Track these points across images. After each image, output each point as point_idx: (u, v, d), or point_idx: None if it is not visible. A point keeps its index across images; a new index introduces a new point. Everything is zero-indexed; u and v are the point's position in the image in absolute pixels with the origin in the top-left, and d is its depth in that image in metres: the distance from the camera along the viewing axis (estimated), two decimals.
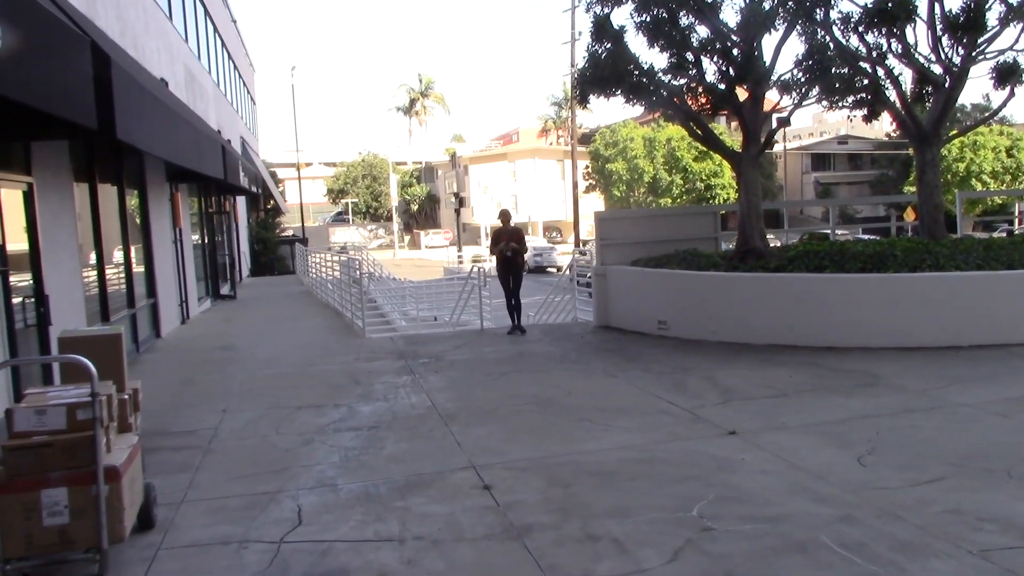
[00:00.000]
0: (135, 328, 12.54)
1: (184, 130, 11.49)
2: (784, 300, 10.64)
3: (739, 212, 12.47)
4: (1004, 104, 13.48)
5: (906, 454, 6.08)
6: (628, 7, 12.25)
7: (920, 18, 12.31)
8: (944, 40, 12.32)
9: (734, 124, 51.57)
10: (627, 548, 4.59)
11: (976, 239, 12.84)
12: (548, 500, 5.43)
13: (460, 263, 45.15)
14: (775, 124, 13.33)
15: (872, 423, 6.90)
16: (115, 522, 4.28)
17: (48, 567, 4.43)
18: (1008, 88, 12.62)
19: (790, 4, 11.63)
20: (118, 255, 12.25)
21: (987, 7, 12.05)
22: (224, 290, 22.66)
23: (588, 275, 14.81)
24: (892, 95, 12.78)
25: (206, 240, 21.20)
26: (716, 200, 49.53)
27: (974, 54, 12.24)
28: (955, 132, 22.04)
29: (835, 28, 12.41)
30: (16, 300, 7.72)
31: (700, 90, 12.98)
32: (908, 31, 12.42)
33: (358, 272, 14.82)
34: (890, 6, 11.80)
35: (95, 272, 10.80)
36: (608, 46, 12.32)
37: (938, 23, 12.28)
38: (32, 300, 8.19)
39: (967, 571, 4.17)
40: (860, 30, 12.43)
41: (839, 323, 10.23)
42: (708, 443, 6.56)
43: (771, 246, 12.74)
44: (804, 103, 12.83)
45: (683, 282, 11.69)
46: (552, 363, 10.47)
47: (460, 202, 51.76)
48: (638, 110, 15.94)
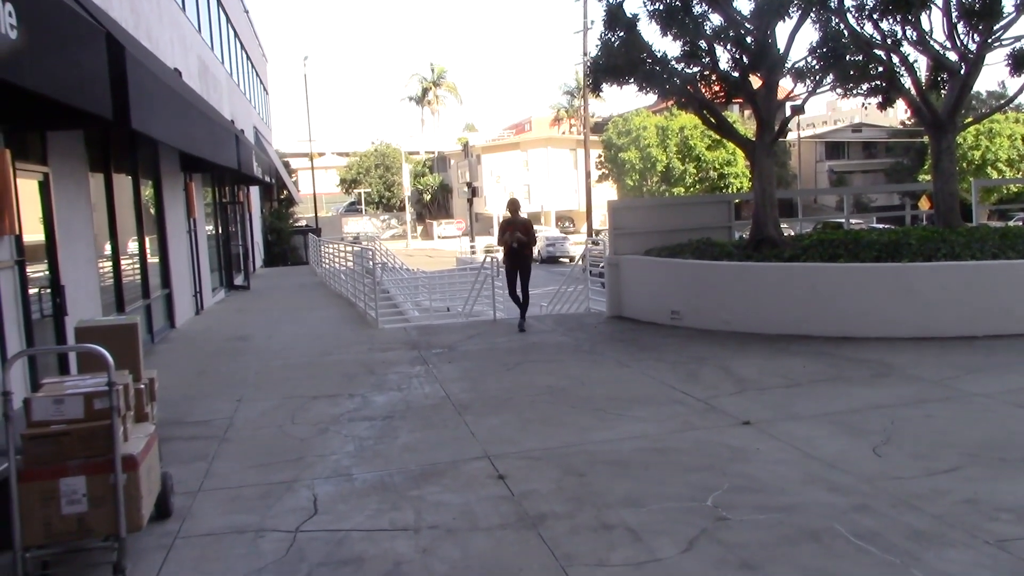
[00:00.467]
0: (150, 318, 12.62)
1: (198, 120, 11.53)
2: (798, 290, 10.60)
3: (753, 201, 12.42)
4: (1020, 91, 13.31)
5: (921, 444, 6.06)
6: None
7: (935, 4, 12.21)
8: (960, 27, 12.21)
9: (747, 112, 51.30)
10: (642, 537, 4.59)
11: (992, 228, 12.75)
12: (562, 489, 5.44)
13: (473, 253, 45.16)
14: (789, 112, 13.25)
15: (887, 413, 6.87)
16: (133, 510, 4.32)
17: (67, 555, 4.48)
18: None
19: None
20: (133, 246, 12.31)
21: None
22: (238, 281, 22.75)
23: (601, 265, 14.79)
24: (907, 82, 12.68)
25: (220, 230, 21.27)
26: (729, 189, 49.31)
27: (990, 41, 12.13)
28: (970, 120, 21.76)
29: (849, 15, 12.33)
30: (33, 291, 7.78)
31: (713, 78, 12.90)
32: (923, 18, 12.33)
33: (371, 262, 14.85)
34: None
35: (110, 263, 10.86)
36: (621, 34, 12.26)
37: (953, 9, 12.17)
38: (48, 290, 8.25)
39: (983, 561, 4.15)
40: (875, 17, 12.34)
41: (854, 312, 10.18)
42: (722, 433, 6.56)
43: (785, 235, 12.68)
44: (818, 91, 12.75)
45: (696, 271, 11.65)
46: (565, 353, 10.47)
47: (473, 192, 51.71)
48: (651, 99, 15.85)
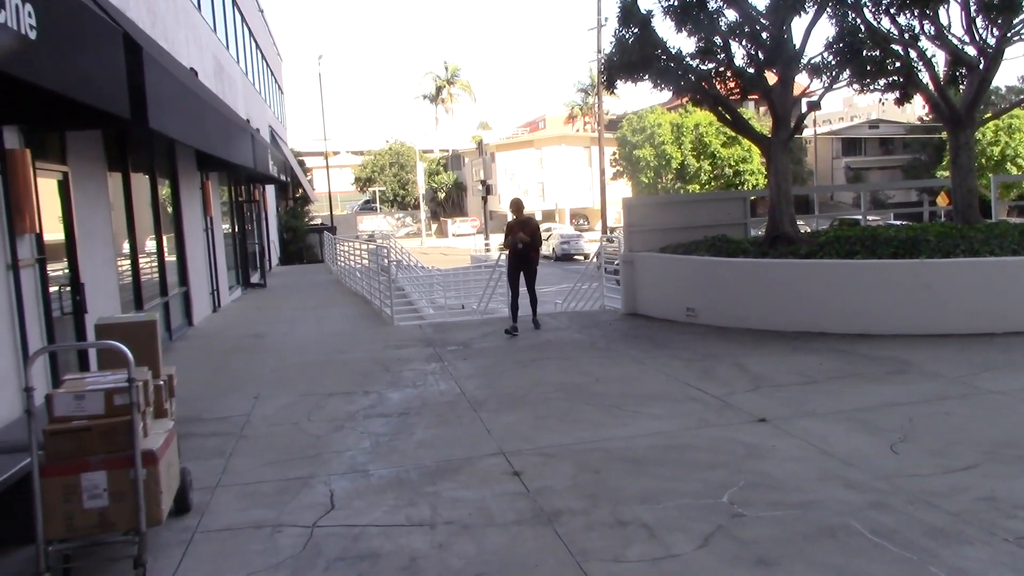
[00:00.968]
0: (168, 316, 12.71)
1: (214, 119, 11.60)
2: (814, 286, 10.56)
3: (769, 197, 12.37)
4: None
5: (939, 441, 6.03)
6: None
7: None
8: (978, 21, 12.12)
9: (763, 109, 51.11)
10: (657, 534, 4.60)
11: (1011, 224, 12.64)
12: (578, 486, 5.45)
13: (487, 251, 45.17)
14: (805, 108, 13.19)
15: (904, 410, 6.84)
16: (153, 505, 4.36)
17: (88, 548, 4.53)
18: None
19: None
20: (151, 244, 12.40)
21: None
22: (254, 279, 22.87)
23: (616, 262, 14.78)
24: (925, 77, 12.60)
25: (236, 229, 21.39)
26: (745, 186, 49.07)
27: (1009, 35, 12.03)
28: (989, 115, 21.65)
29: (866, 10, 12.24)
30: (53, 289, 7.85)
31: (729, 74, 12.86)
32: (941, 12, 12.24)
33: (386, 260, 14.89)
34: None
35: (128, 261, 10.95)
36: (635, 31, 12.25)
37: (972, 4, 12.08)
38: (68, 288, 8.33)
39: (1001, 558, 4.13)
40: (892, 12, 12.25)
41: (870, 310, 10.13)
42: (738, 430, 6.55)
43: (801, 232, 12.63)
44: (835, 86, 12.68)
45: (712, 269, 11.63)
46: (580, 350, 10.48)
47: (487, 189, 51.71)
48: (665, 96, 15.86)
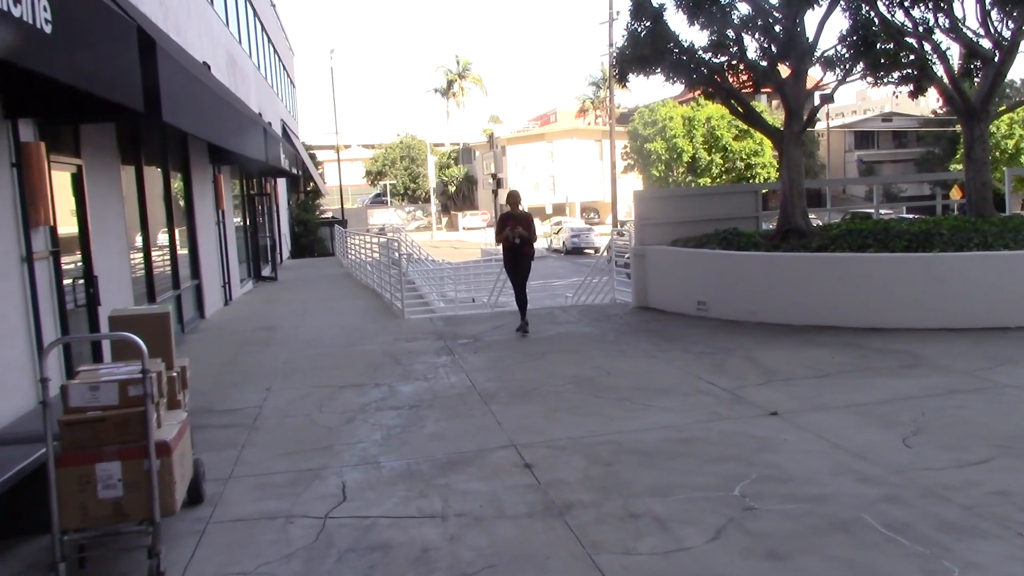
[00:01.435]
0: (180, 309, 12.77)
1: (227, 113, 11.64)
2: (826, 280, 10.51)
3: (781, 191, 12.33)
4: None
5: (952, 435, 6.00)
6: None
7: None
8: (993, 13, 12.01)
9: (775, 102, 50.83)
10: (668, 526, 4.60)
11: None
12: (589, 479, 5.45)
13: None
14: (818, 101, 13.13)
15: (917, 404, 6.82)
16: (167, 495, 4.38)
17: (103, 538, 4.57)
18: None
19: None
20: (163, 237, 12.46)
21: None
22: (265, 272, 22.95)
23: (626, 256, 14.76)
24: (939, 70, 12.50)
25: (248, 222, 21.46)
26: (756, 179, 48.90)
27: None
28: (1004, 108, 21.41)
29: (880, 3, 12.16)
30: (66, 281, 7.90)
31: (741, 67, 12.81)
32: (956, 4, 12.13)
33: (397, 254, 14.91)
34: None
35: (141, 254, 11.01)
36: (647, 24, 12.21)
37: None
38: (82, 281, 8.38)
39: (1015, 552, 4.11)
40: (906, 4, 12.16)
41: (883, 303, 10.09)
42: (749, 423, 6.53)
43: (813, 226, 12.58)
44: (848, 79, 12.61)
45: (723, 262, 11.60)
46: (591, 344, 10.47)
47: (498, 183, 51.67)
48: (677, 89, 15.74)
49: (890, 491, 4.95)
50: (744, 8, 12.31)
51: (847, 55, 12.11)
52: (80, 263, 8.48)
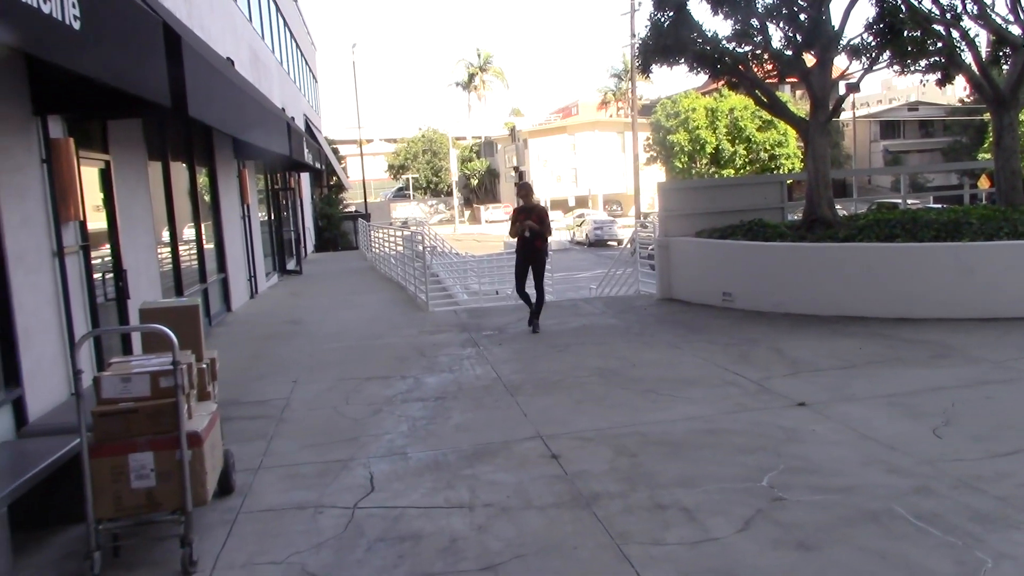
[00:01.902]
0: (207, 302, 12.87)
1: (251, 108, 11.70)
2: (853, 270, 10.42)
3: (807, 181, 12.23)
4: None
5: (983, 425, 5.94)
6: None
7: None
8: None
9: (799, 93, 50.46)
10: (696, 517, 4.59)
11: None
12: (615, 469, 5.45)
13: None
14: (844, 90, 13.00)
15: (947, 394, 6.75)
16: (198, 485, 4.44)
17: (136, 528, 4.62)
18: None
19: None
20: (189, 232, 12.56)
21: None
22: (290, 265, 23.08)
23: (650, 247, 14.71)
24: (967, 58, 12.34)
25: (272, 216, 21.59)
26: (780, 170, 48.48)
27: None
28: None
29: None
30: (96, 275, 7.99)
31: (766, 57, 12.72)
32: None
33: (421, 247, 14.94)
34: None
35: (168, 248, 11.10)
36: (671, 14, 12.14)
37: None
38: (111, 275, 8.47)
39: None
40: None
41: (911, 294, 9.99)
42: (776, 414, 6.50)
43: (839, 216, 12.47)
44: (874, 68, 12.48)
45: (749, 253, 11.53)
46: (615, 335, 10.45)
47: (520, 176, 51.67)
48: (699, 80, 15.73)
49: (921, 482, 4.91)
50: None
51: (873, 43, 11.98)
52: (109, 258, 8.57)
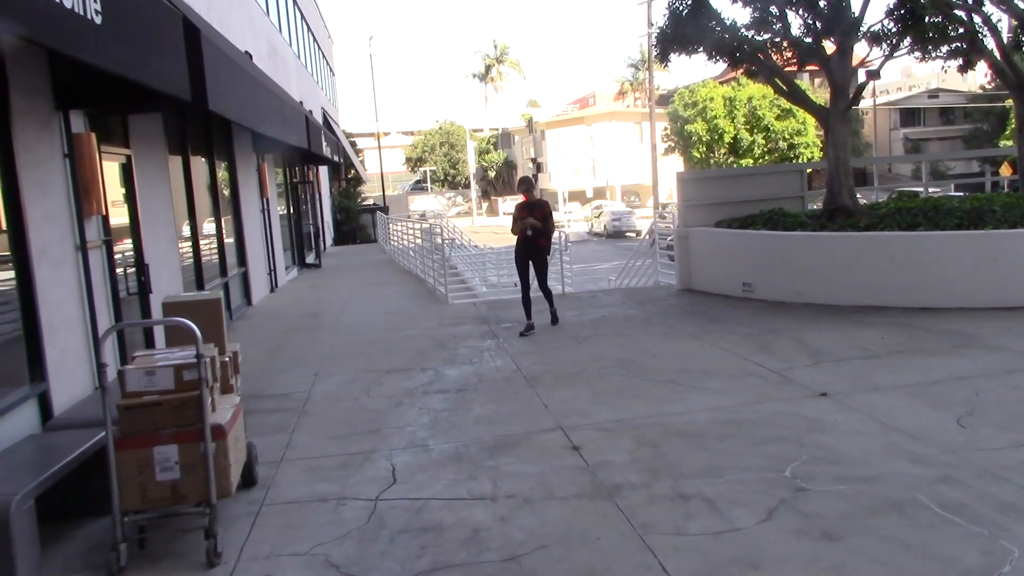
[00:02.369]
0: (228, 296, 12.95)
1: (269, 101, 11.75)
2: (875, 259, 10.34)
3: (827, 169, 12.13)
4: None
5: (1007, 415, 5.88)
6: None
7: None
8: None
9: (818, 81, 50.06)
10: (719, 507, 4.58)
11: None
12: (637, 460, 5.44)
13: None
14: (864, 77, 12.87)
15: (970, 384, 6.69)
16: (222, 478, 4.47)
17: (161, 519, 4.67)
18: None
19: None
20: (210, 226, 12.64)
21: None
22: (309, 259, 23.18)
23: (669, 238, 14.65)
24: (989, 43, 12.17)
25: (291, 210, 21.68)
26: (799, 159, 48.10)
27: None
28: None
29: None
30: (119, 270, 8.05)
31: (785, 44, 12.61)
32: None
33: (439, 239, 14.95)
34: None
35: (189, 242, 11.17)
36: (689, 2, 12.10)
37: None
38: (133, 269, 8.54)
39: None
40: None
41: (933, 283, 9.90)
42: (799, 404, 6.47)
43: (860, 204, 12.36)
44: (895, 54, 12.33)
45: (769, 243, 11.46)
46: (635, 326, 10.43)
47: (537, 167, 51.61)
48: (717, 69, 15.64)
49: (945, 471, 4.87)
50: None
51: (894, 29, 11.84)
52: (131, 252, 8.63)
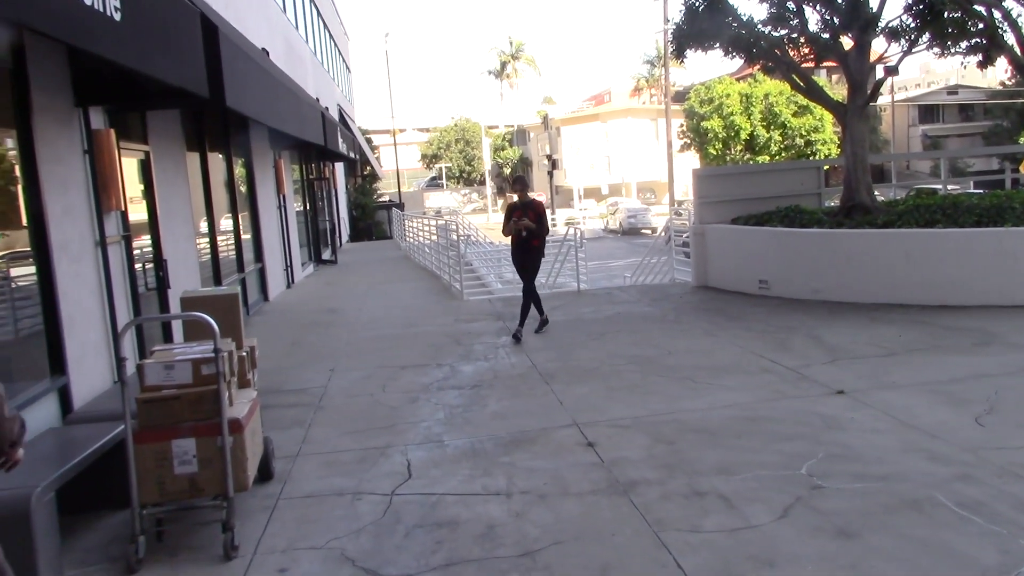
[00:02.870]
0: (245, 292, 13.02)
1: (286, 98, 11.79)
2: (893, 257, 10.27)
3: (844, 166, 12.06)
4: None
5: None
6: None
7: None
8: None
9: (836, 77, 49.70)
10: (735, 504, 4.57)
11: None
12: (652, 457, 5.44)
13: (553, 225, 45.04)
14: (882, 74, 12.77)
15: (989, 382, 6.64)
16: (239, 471, 4.50)
17: (179, 512, 4.71)
18: None
19: None
20: (227, 222, 12.70)
21: None
22: (325, 255, 23.25)
23: (685, 235, 14.61)
24: (1009, 38, 12.06)
25: (307, 206, 21.75)
26: (817, 156, 47.75)
27: None
28: None
29: None
30: (137, 265, 8.11)
31: (802, 40, 12.55)
32: None
33: (455, 235, 14.97)
34: None
35: (207, 238, 11.24)
36: None
37: None
38: (151, 265, 8.60)
39: None
40: None
41: (952, 280, 9.82)
42: (815, 402, 6.44)
43: (878, 201, 12.29)
44: (913, 50, 12.24)
45: (785, 240, 11.40)
46: (650, 323, 10.41)
47: (553, 164, 51.52)
48: (733, 66, 15.49)
49: (963, 470, 4.84)
50: None
51: (912, 25, 11.75)
52: (149, 247, 8.70)
